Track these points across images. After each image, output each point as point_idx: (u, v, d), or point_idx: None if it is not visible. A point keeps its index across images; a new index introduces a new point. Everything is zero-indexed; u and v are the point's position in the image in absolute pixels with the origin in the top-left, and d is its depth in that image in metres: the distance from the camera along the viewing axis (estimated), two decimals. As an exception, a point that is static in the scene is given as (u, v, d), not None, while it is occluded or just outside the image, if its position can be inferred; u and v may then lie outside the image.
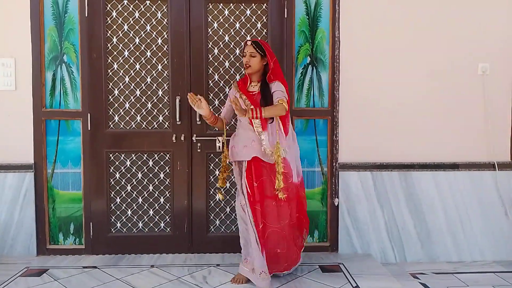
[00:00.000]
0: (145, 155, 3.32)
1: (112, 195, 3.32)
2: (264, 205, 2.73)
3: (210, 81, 3.30)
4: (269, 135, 2.71)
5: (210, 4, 3.26)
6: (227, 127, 2.95)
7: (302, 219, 2.96)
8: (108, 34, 3.25)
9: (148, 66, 3.29)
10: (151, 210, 3.35)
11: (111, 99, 3.29)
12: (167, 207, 3.35)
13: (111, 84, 3.28)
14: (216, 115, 2.92)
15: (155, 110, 3.31)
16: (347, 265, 3.12)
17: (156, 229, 3.35)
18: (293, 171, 2.83)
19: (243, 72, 3.27)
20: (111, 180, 3.31)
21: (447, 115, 3.33)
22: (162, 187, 3.34)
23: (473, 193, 3.34)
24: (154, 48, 3.28)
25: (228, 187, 3.35)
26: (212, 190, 3.35)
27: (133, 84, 3.29)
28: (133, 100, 3.30)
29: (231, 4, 3.27)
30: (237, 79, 3.26)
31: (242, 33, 3.28)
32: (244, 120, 2.77)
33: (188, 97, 2.76)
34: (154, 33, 3.27)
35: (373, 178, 3.31)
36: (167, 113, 3.31)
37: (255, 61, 2.76)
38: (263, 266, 2.70)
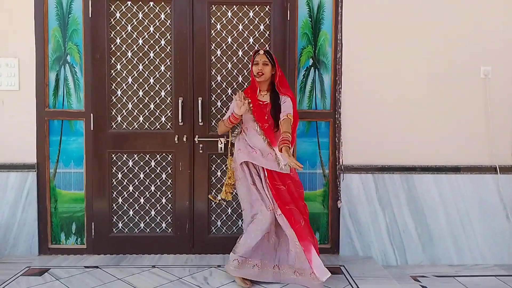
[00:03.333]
0: (148, 156, 3.33)
1: (114, 195, 3.33)
2: (297, 206, 2.80)
3: (213, 83, 3.31)
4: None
5: (213, 5, 3.28)
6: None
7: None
8: (112, 35, 3.27)
9: (151, 67, 3.30)
10: (152, 210, 3.36)
11: (114, 100, 3.30)
12: (168, 207, 3.36)
13: (114, 84, 3.30)
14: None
15: (158, 111, 3.32)
16: (348, 267, 3.11)
17: (158, 230, 3.36)
18: None
19: (246, 73, 3.30)
20: (113, 180, 3.32)
21: (449, 118, 3.33)
22: (164, 188, 3.35)
23: (475, 196, 3.34)
24: (157, 49, 3.29)
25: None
26: (214, 191, 3.36)
27: (136, 85, 3.30)
28: (136, 100, 3.31)
29: (234, 6, 3.28)
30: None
31: (245, 35, 3.29)
32: (252, 129, 2.82)
33: (239, 94, 2.77)
34: (157, 34, 3.28)
35: (374, 180, 3.31)
36: (169, 114, 3.32)
37: (267, 70, 2.81)
38: (319, 266, 2.68)
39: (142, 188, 3.34)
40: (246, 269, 2.80)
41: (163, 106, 3.32)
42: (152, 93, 3.31)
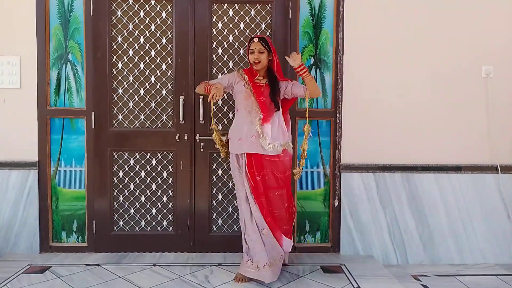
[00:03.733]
0: (149, 154, 3.33)
1: (115, 194, 3.34)
2: (270, 197, 2.78)
3: (214, 81, 3.31)
4: (271, 129, 2.76)
5: (214, 4, 3.28)
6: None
7: (292, 208, 2.97)
8: (113, 33, 3.27)
9: (153, 66, 3.30)
10: (154, 208, 3.36)
11: (115, 98, 3.31)
12: (169, 206, 3.36)
13: (115, 83, 3.30)
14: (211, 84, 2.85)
15: (159, 110, 3.32)
16: (349, 266, 3.12)
17: (159, 228, 3.37)
18: None
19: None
20: (115, 178, 3.33)
21: (450, 117, 3.33)
22: (165, 186, 3.35)
23: (476, 195, 3.33)
24: (159, 48, 3.29)
25: (230, 186, 3.36)
26: (215, 189, 3.36)
27: (137, 83, 3.31)
28: (137, 99, 3.31)
29: (236, 5, 3.28)
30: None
31: (247, 33, 3.29)
32: (244, 110, 2.80)
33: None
34: (159, 32, 3.28)
35: (375, 179, 3.31)
36: (170, 113, 3.32)
37: (264, 57, 2.81)
38: (265, 259, 2.76)
39: (143, 186, 3.34)
40: (242, 265, 2.86)
41: (164, 105, 3.32)
42: (153, 92, 3.31)
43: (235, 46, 3.30)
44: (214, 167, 3.35)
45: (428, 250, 3.33)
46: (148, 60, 3.30)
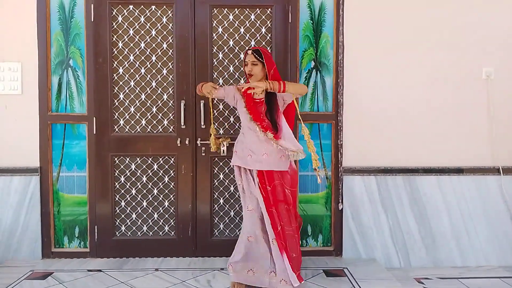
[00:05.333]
0: (150, 159, 3.33)
1: (117, 199, 3.34)
2: (279, 209, 2.73)
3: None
4: (284, 140, 2.72)
5: (215, 9, 3.29)
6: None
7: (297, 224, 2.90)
8: (114, 39, 3.28)
9: (153, 71, 3.31)
10: (155, 213, 3.36)
11: (117, 103, 3.31)
12: (171, 210, 3.36)
13: (116, 88, 3.31)
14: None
15: (160, 114, 3.33)
16: (352, 269, 3.11)
17: (161, 233, 3.36)
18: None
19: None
20: (116, 183, 3.33)
21: (452, 120, 3.33)
22: (166, 191, 3.35)
23: (478, 197, 3.33)
24: (159, 53, 3.30)
25: (232, 190, 3.36)
26: (217, 194, 3.36)
27: (138, 88, 3.31)
28: (138, 104, 3.32)
29: (236, 9, 3.29)
30: (242, 82, 3.28)
31: (247, 37, 3.30)
32: (250, 130, 2.76)
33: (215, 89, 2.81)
34: (160, 37, 3.29)
35: (377, 182, 3.31)
36: (172, 117, 3.32)
37: (257, 69, 2.76)
38: (284, 272, 2.68)
39: (144, 191, 3.35)
40: (240, 273, 2.79)
41: (165, 110, 3.32)
42: (154, 97, 3.32)
43: (236, 51, 3.31)
44: (215, 171, 3.35)
45: (431, 252, 3.32)
46: (149, 65, 3.30)
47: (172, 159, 3.33)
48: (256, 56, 2.75)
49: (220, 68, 3.31)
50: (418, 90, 3.31)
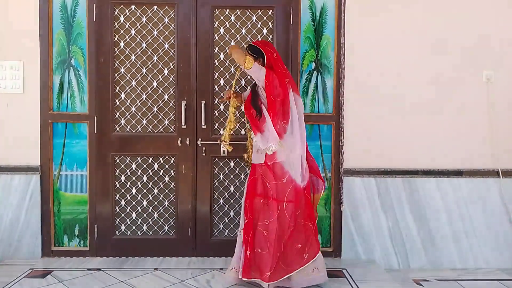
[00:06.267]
0: (151, 159, 3.34)
1: (117, 198, 3.34)
2: (253, 203, 2.77)
3: (216, 86, 3.33)
4: (261, 137, 2.74)
5: (216, 9, 3.30)
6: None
7: (308, 226, 2.83)
8: (116, 39, 3.29)
9: (155, 71, 3.32)
10: (155, 213, 3.37)
11: (118, 103, 3.32)
12: (171, 210, 3.36)
13: (117, 88, 3.32)
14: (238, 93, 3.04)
15: (161, 114, 3.34)
16: (351, 270, 3.11)
17: (160, 232, 3.37)
18: (298, 173, 2.78)
19: (248, 77, 3.31)
20: (116, 183, 3.34)
21: (452, 122, 3.33)
22: (166, 191, 3.36)
23: (477, 200, 3.33)
24: (161, 53, 3.31)
25: (232, 191, 3.37)
26: (217, 194, 3.37)
27: (139, 88, 3.32)
28: (139, 104, 3.33)
29: (237, 10, 3.30)
30: (243, 83, 3.30)
31: (248, 38, 3.31)
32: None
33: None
34: (161, 38, 3.30)
35: (377, 184, 3.31)
36: (172, 117, 3.33)
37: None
38: (234, 263, 2.84)
39: (145, 190, 3.35)
40: None
41: (166, 109, 3.33)
42: (155, 96, 3.33)
43: (237, 51, 3.32)
44: (215, 171, 3.36)
45: (430, 254, 3.33)
46: (150, 65, 3.32)
47: (173, 159, 3.34)
48: (248, 50, 2.84)
49: (221, 69, 3.32)
50: (419, 92, 3.32)
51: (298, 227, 2.79)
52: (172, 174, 3.35)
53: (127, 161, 3.34)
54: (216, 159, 3.34)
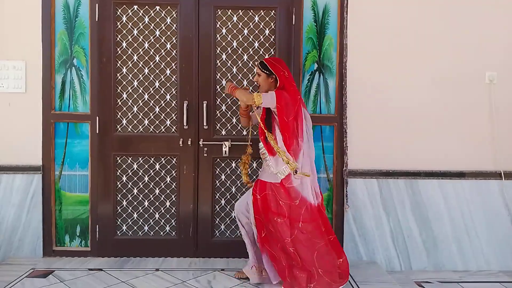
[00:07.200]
0: (152, 159, 3.34)
1: (118, 198, 3.34)
2: (268, 218, 2.74)
3: (218, 87, 3.33)
4: (276, 159, 2.71)
5: (219, 10, 3.30)
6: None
7: (336, 241, 2.88)
8: (118, 39, 3.29)
9: (157, 71, 3.32)
10: (157, 213, 3.36)
11: (120, 103, 3.32)
12: (172, 210, 3.36)
13: (119, 88, 3.32)
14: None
15: (163, 114, 3.33)
16: (352, 272, 3.10)
17: (162, 233, 3.37)
18: (310, 192, 2.79)
19: (250, 78, 3.33)
20: (118, 183, 3.34)
21: (454, 123, 3.33)
22: (168, 191, 3.36)
23: (479, 201, 3.33)
24: (163, 53, 3.31)
25: (233, 191, 3.36)
26: (218, 194, 3.37)
27: (141, 88, 3.32)
28: (141, 104, 3.33)
29: (240, 11, 3.30)
30: (245, 84, 3.31)
31: (250, 39, 3.31)
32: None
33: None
34: (163, 38, 3.30)
35: (379, 185, 3.31)
36: (174, 118, 3.33)
37: (261, 79, 2.83)
38: (255, 261, 2.87)
39: (146, 191, 3.35)
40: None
41: (168, 110, 3.33)
42: (157, 97, 3.33)
43: (239, 52, 3.32)
44: (217, 172, 3.36)
45: (432, 256, 3.32)
46: (152, 65, 3.31)
47: (174, 159, 3.34)
48: (260, 67, 2.83)
49: (223, 69, 3.32)
50: (421, 94, 3.31)
51: (331, 242, 2.82)
52: (174, 174, 3.34)
53: (129, 161, 3.34)
54: (218, 159, 3.34)
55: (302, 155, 2.74)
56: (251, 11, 3.30)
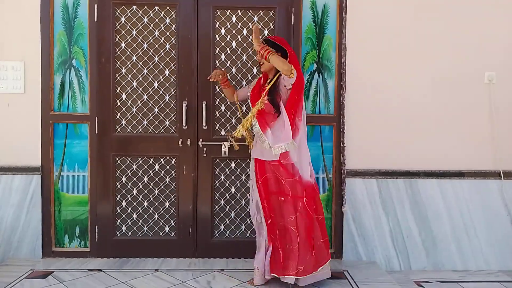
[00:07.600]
0: (151, 159, 3.34)
1: (117, 199, 3.34)
2: (271, 201, 2.78)
3: (217, 87, 3.32)
4: (271, 134, 2.72)
5: (218, 10, 3.29)
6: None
7: (324, 220, 2.91)
8: (117, 39, 3.29)
9: (156, 71, 3.32)
10: (156, 214, 3.36)
11: (119, 103, 3.32)
12: (172, 211, 3.36)
13: (119, 88, 3.31)
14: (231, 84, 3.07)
15: (162, 115, 3.33)
16: (352, 272, 3.11)
17: (161, 233, 3.37)
18: (308, 170, 2.83)
19: (250, 78, 3.32)
20: (117, 183, 3.33)
21: (453, 123, 3.33)
22: (167, 191, 3.35)
23: (479, 201, 3.33)
24: (162, 54, 3.31)
25: (233, 192, 3.36)
26: (218, 194, 3.37)
27: (140, 89, 3.32)
28: (140, 104, 3.32)
29: (239, 11, 3.30)
30: (245, 85, 3.31)
31: (249, 39, 3.30)
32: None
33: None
34: (162, 38, 3.30)
35: (378, 185, 3.31)
36: (173, 118, 3.33)
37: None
38: (258, 263, 2.85)
39: (145, 191, 3.35)
40: None
41: (167, 110, 3.33)
42: (156, 97, 3.32)
43: (238, 52, 3.31)
44: (216, 172, 3.35)
45: (431, 256, 3.32)
46: (151, 66, 3.31)
47: (174, 159, 3.34)
48: (266, 45, 2.80)
49: (223, 69, 3.31)
50: (420, 94, 3.31)
51: (319, 222, 2.85)
52: (173, 175, 3.34)
53: (128, 161, 3.34)
54: (217, 160, 3.34)
55: (297, 137, 2.76)
56: (250, 11, 3.30)
